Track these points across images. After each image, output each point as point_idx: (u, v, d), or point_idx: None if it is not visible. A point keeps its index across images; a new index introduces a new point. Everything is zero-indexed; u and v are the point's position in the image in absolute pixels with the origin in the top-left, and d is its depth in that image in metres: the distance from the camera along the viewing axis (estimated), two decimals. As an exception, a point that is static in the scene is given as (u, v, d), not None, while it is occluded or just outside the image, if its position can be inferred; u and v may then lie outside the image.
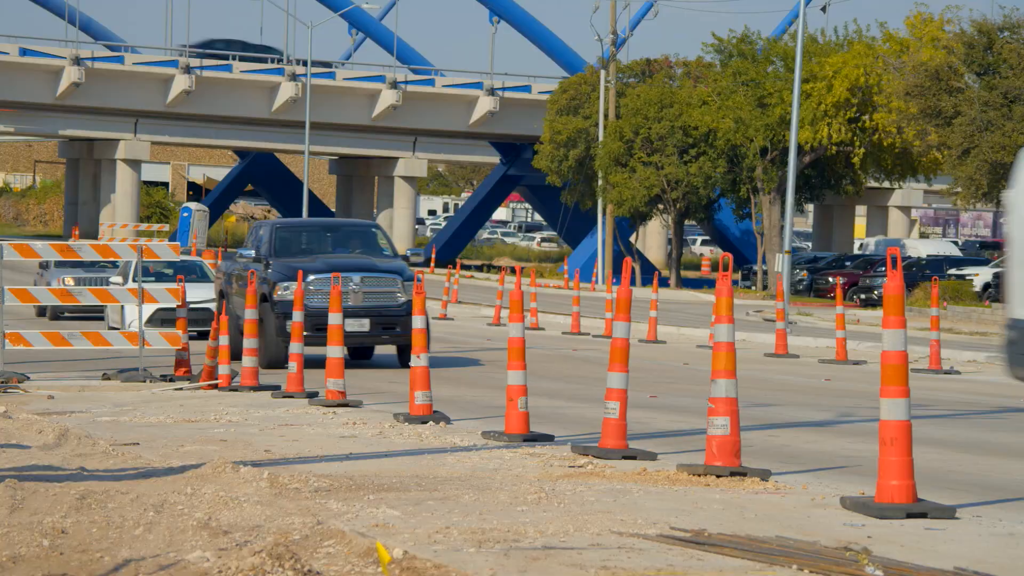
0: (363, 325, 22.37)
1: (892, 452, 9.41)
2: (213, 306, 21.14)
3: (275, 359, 22.06)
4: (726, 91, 58.20)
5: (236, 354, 20.20)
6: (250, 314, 18.78)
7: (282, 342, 22.01)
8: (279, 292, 22.57)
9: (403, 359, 22.79)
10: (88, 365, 22.40)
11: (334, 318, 16.56)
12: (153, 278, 29.66)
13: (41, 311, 34.79)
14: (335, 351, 16.46)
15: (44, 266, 35.72)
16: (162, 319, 27.67)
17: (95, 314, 32.88)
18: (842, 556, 8.10)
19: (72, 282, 33.28)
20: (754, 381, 21.17)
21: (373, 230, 24.51)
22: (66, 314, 34.13)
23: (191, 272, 30.61)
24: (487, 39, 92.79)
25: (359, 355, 24.61)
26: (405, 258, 23.74)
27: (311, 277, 22.33)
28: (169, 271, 30.66)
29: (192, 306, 25.50)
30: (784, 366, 25.62)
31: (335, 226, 25.35)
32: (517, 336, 13.56)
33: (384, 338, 22.65)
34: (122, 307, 28.42)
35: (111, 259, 35.46)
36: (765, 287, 56.87)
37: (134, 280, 27.36)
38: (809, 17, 74.49)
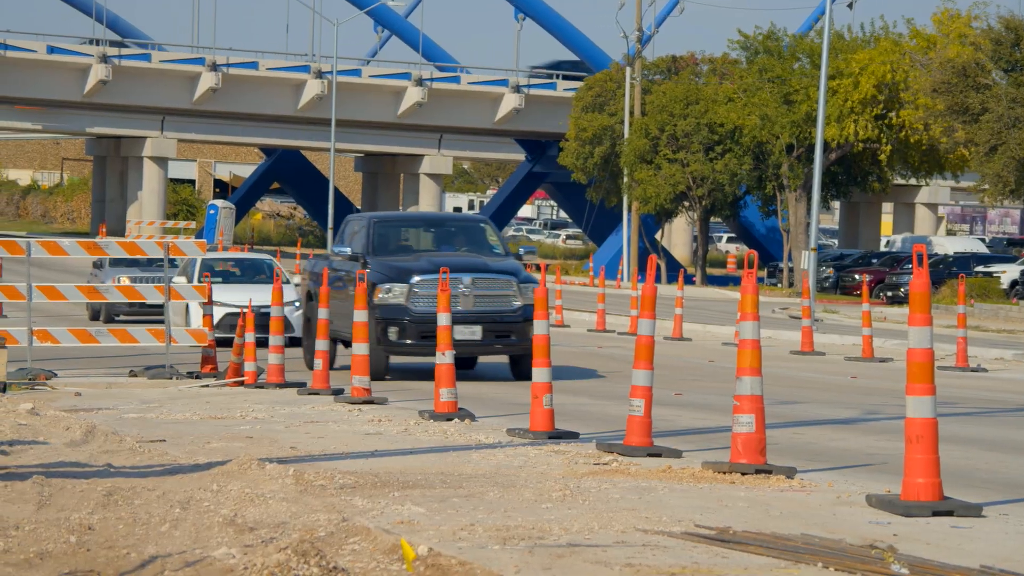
0: (474, 333, 19.77)
1: (918, 450, 9.39)
2: (286, 310, 18.97)
3: (376, 369, 19.22)
4: (752, 88, 58.08)
5: (331, 364, 18.65)
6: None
7: (383, 351, 19.77)
8: (380, 295, 19.90)
9: (519, 371, 20.13)
10: (115, 362, 22.48)
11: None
12: (220, 279, 27.22)
13: (95, 314, 32.60)
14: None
15: (99, 265, 33.94)
16: (231, 324, 25.07)
17: (154, 316, 30.39)
18: (868, 554, 8.08)
19: (127, 282, 30.53)
20: (780, 378, 21.13)
21: (482, 225, 21.71)
22: (121, 316, 32.19)
23: (258, 271, 28.17)
24: (513, 36, 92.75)
25: (460, 364, 21.42)
26: (518, 257, 21.09)
27: (416, 278, 19.83)
28: (236, 270, 28.36)
29: (263, 310, 22.89)
30: (810, 364, 25.56)
31: (439, 221, 23.24)
32: (542, 333, 13.56)
33: (497, 347, 20.02)
34: (187, 308, 26.13)
35: (171, 256, 34.80)
36: (791, 284, 56.73)
37: (200, 280, 26.11)
38: (835, 13, 74.32)
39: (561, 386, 18.17)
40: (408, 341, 19.79)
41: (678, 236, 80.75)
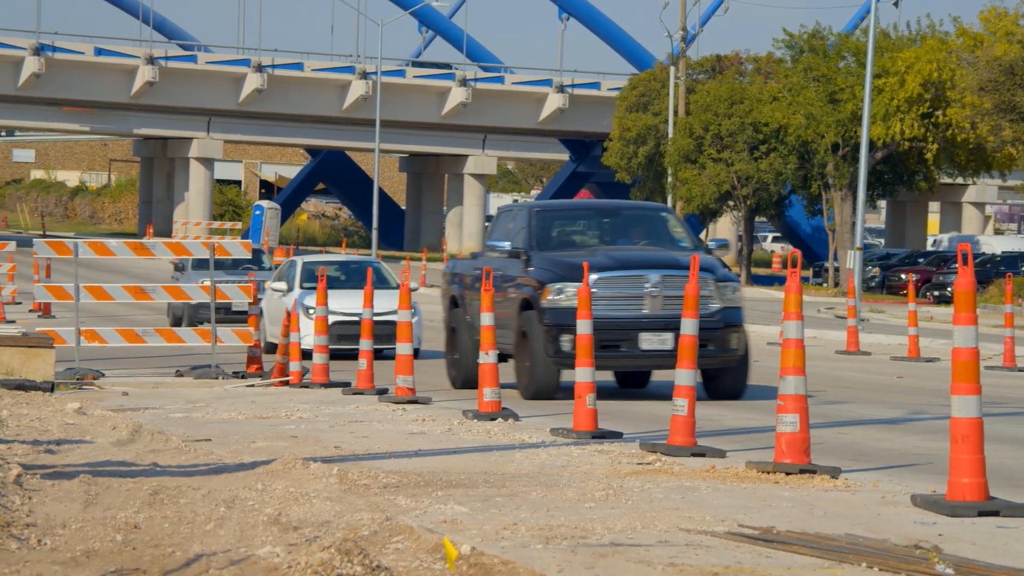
0: (664, 342, 16.81)
1: (964, 450, 9.34)
2: (396, 317, 16.44)
3: (544, 386, 16.96)
4: (797, 87, 57.86)
5: (471, 382, 16.81)
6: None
7: (553, 364, 16.88)
8: (550, 296, 16.99)
9: (716, 388, 17.42)
10: (162, 362, 22.62)
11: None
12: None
13: (177, 320, 30.54)
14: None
15: (180, 267, 32.27)
16: (340, 334, 23.00)
17: (240, 321, 27.61)
18: (912, 554, 8.05)
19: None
20: (825, 378, 21.06)
21: (663, 214, 19.02)
22: (204, 324, 29.10)
23: (363, 276, 24.83)
24: (556, 36, 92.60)
25: (631, 381, 18.97)
26: (708, 250, 18.28)
27: (594, 276, 16.75)
28: (340, 275, 25.47)
29: (376, 319, 20.64)
30: (856, 363, 25.45)
31: (613, 210, 19.72)
32: (585, 333, 13.55)
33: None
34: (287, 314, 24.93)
35: (253, 260, 31.65)
36: (837, 284, 56.51)
37: (302, 287, 24.59)
38: (881, 12, 73.89)
39: (604, 386, 18.16)
40: None
41: (723, 235, 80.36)
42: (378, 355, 22.49)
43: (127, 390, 18.29)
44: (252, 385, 19.26)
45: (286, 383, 19.24)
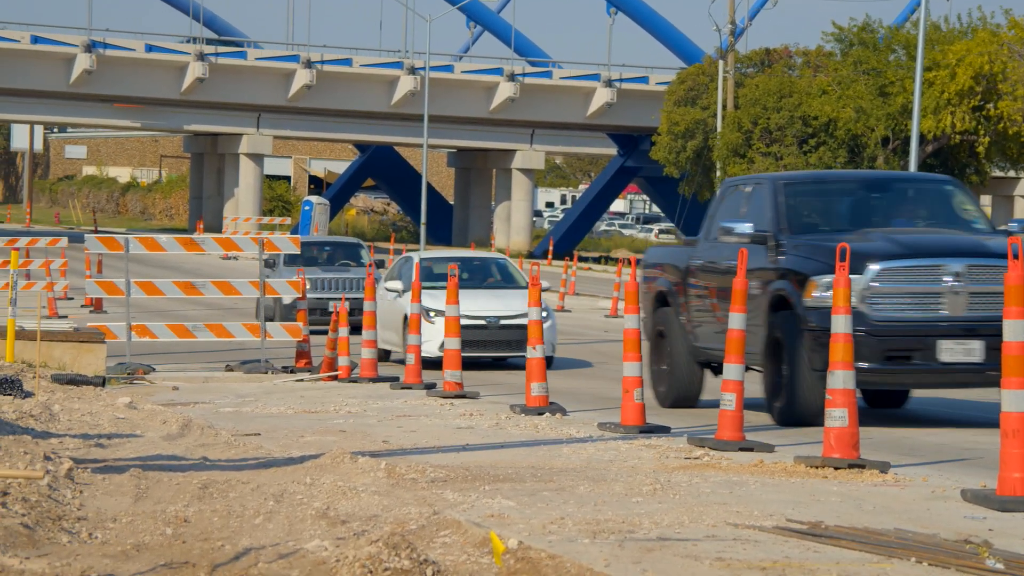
0: (971, 352, 13.45)
1: (1014, 444, 9.28)
2: (524, 320, 15.15)
3: (807, 408, 13.65)
4: (847, 80, 57.58)
5: (686, 398, 15.26)
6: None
7: (819, 380, 13.23)
8: (816, 292, 13.59)
9: None
10: (212, 357, 22.75)
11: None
12: (443, 284, 20.75)
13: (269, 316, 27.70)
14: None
15: (270, 264, 29.00)
16: (465, 340, 19.74)
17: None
18: (962, 549, 8.01)
19: (308, 285, 24.85)
20: (874, 373, 20.91)
21: (948, 188, 15.28)
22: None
23: (486, 275, 22.78)
24: (604, 30, 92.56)
25: (884, 400, 15.66)
26: (1008, 233, 14.24)
27: (875, 266, 13.46)
28: (464, 273, 21.96)
29: (503, 322, 19.83)
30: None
31: (884, 182, 15.83)
32: (633, 327, 13.53)
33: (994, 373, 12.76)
34: (404, 319, 20.88)
35: (351, 255, 29.42)
36: (887, 278, 56.19)
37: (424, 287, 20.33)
38: (932, 5, 73.45)
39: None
40: (865, 364, 13.14)
41: (772, 230, 79.93)
42: (503, 363, 21.02)
43: (177, 385, 18.40)
44: (301, 380, 19.34)
45: (335, 378, 19.31)
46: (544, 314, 18.85)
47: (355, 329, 20.89)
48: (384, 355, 21.88)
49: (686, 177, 64.17)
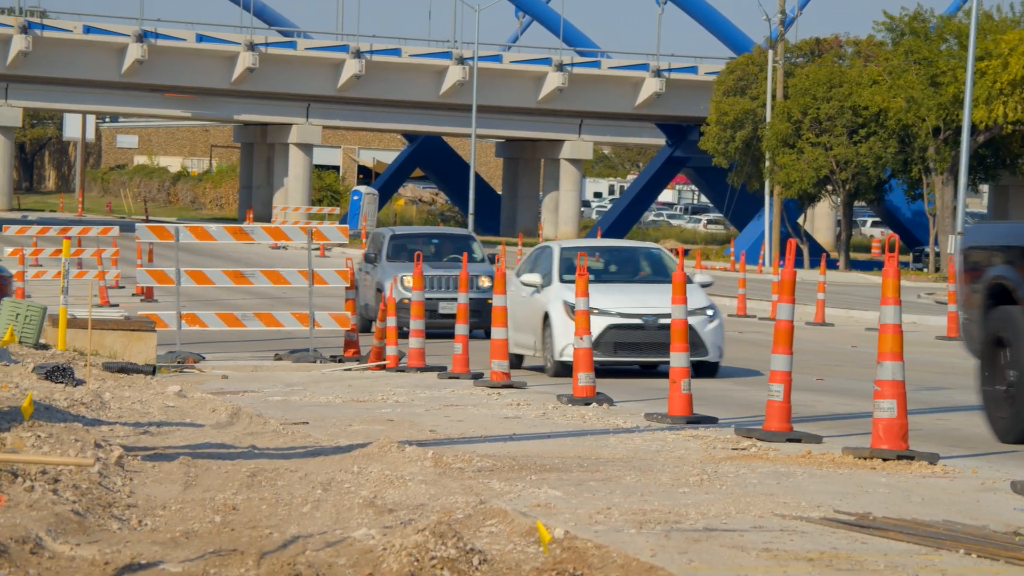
0: None
1: (1064, 437, 9.18)
2: (696, 320, 14.07)
3: None
4: (897, 70, 57.18)
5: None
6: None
7: None
8: None
9: None
10: (261, 346, 22.85)
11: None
12: (592, 276, 17.85)
13: (367, 324, 24.49)
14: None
15: (371, 258, 26.40)
16: (617, 342, 17.85)
17: (448, 327, 21.99)
18: (1012, 541, 7.96)
19: (411, 283, 22.04)
20: (924, 364, 20.83)
21: None
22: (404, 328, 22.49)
23: (637, 267, 19.79)
24: (653, 20, 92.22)
25: None
26: None
27: None
28: (610, 266, 19.74)
29: (663, 321, 17.24)
30: (956, 349, 25.11)
31: None
32: (680, 318, 13.51)
33: None
34: (544, 316, 18.43)
35: (461, 247, 25.93)
36: (937, 269, 55.82)
37: (562, 281, 18.56)
38: (984, -7, 72.86)
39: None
40: None
41: (821, 220, 79.80)
42: (655, 370, 18.60)
43: (227, 373, 18.51)
44: (349, 369, 19.41)
45: (383, 367, 19.37)
46: (711, 312, 17.91)
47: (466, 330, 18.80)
48: (515, 361, 18.70)
49: (735, 167, 63.90)
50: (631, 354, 18.03)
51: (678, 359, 13.01)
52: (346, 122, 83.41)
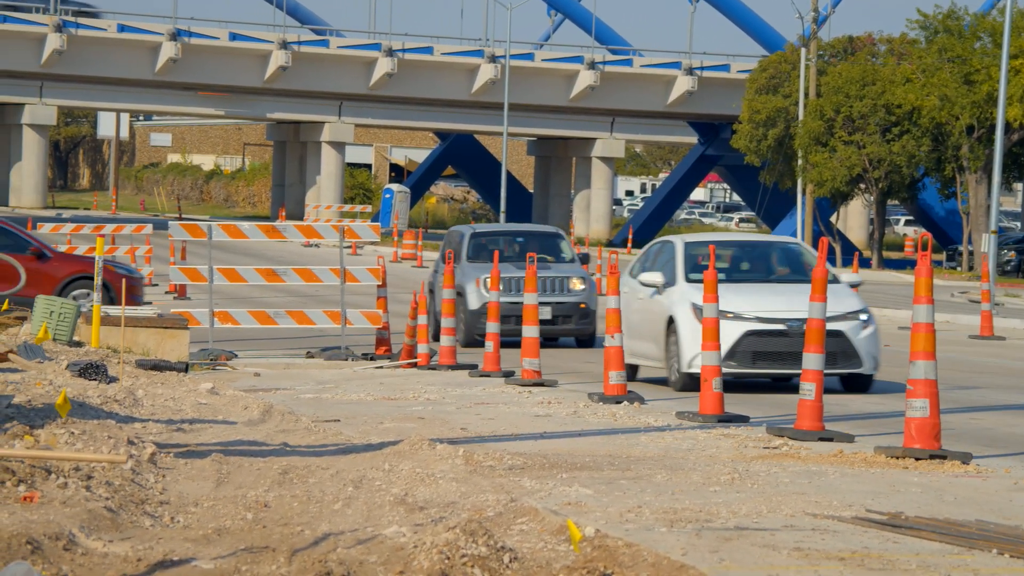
0: None
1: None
2: (837, 325, 13.26)
3: None
4: (931, 68, 56.93)
5: None
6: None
7: None
8: None
9: None
10: (293, 344, 22.92)
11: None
12: (722, 276, 15.53)
13: (472, 340, 22.59)
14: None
15: (448, 260, 21.56)
16: (756, 351, 15.82)
17: (558, 338, 21.35)
18: (1044, 542, 7.91)
19: (497, 287, 19.17)
20: (957, 363, 20.74)
21: None
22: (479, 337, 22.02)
23: (771, 265, 17.49)
24: (686, 18, 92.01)
25: None
26: None
27: None
28: (741, 264, 17.56)
29: (797, 324, 15.21)
30: (989, 348, 25.02)
31: None
32: (711, 317, 13.48)
33: None
34: (668, 321, 16.33)
35: (547, 247, 23.41)
36: (971, 268, 55.55)
37: (688, 280, 16.48)
38: (1019, -10, 72.46)
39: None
40: None
41: (854, 219, 79.57)
42: (789, 383, 16.33)
43: (259, 371, 18.56)
44: (381, 367, 19.44)
45: (414, 365, 19.39)
46: (864, 316, 15.95)
47: (549, 340, 18.05)
48: (630, 372, 16.19)
49: (767, 165, 63.73)
50: (772, 365, 15.91)
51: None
52: (378, 120, 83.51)
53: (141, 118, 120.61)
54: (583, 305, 18.58)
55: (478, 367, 18.30)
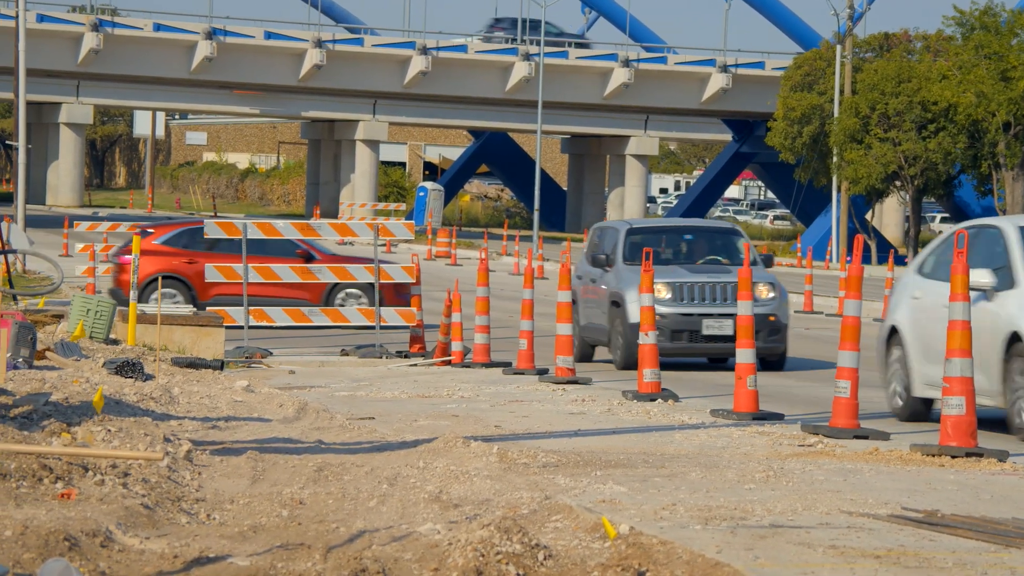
0: None
1: None
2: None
3: None
4: (967, 65, 56.64)
5: None
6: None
7: None
8: None
9: None
10: (327, 342, 22.98)
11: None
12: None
13: (587, 354, 19.90)
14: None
15: (598, 262, 19.87)
16: None
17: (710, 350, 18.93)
18: (1081, 541, 7.87)
19: (668, 293, 18.49)
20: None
21: None
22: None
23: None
24: (720, 15, 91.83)
25: None
26: None
27: None
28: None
29: None
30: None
31: None
32: (745, 315, 13.46)
33: None
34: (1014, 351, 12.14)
35: (720, 248, 19.03)
36: (1008, 265, 55.24)
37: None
38: (1056, -14, 72.06)
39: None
40: None
41: (889, 216, 79.24)
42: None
43: (293, 368, 18.62)
44: (415, 365, 19.47)
45: (448, 363, 19.42)
46: None
47: (716, 361, 15.82)
48: (923, 405, 13.25)
49: (802, 163, 63.51)
50: None
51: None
52: (412, 118, 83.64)
53: (177, 117, 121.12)
54: (772, 318, 15.37)
55: (512, 365, 18.31)
